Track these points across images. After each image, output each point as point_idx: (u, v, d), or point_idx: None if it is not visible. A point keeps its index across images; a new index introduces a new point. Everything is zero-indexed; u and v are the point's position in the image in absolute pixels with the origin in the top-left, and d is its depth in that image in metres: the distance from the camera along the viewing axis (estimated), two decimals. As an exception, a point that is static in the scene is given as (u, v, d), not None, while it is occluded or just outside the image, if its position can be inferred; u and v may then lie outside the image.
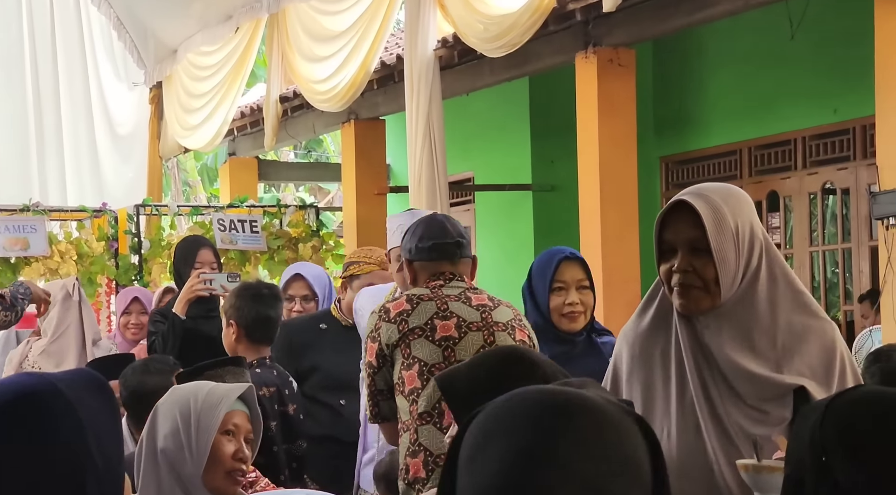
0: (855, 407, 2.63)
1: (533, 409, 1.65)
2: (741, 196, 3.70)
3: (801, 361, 3.48)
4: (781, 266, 3.65)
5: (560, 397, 1.70)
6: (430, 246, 5.57)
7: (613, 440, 1.61)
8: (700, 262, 3.50)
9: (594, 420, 1.63)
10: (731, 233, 3.52)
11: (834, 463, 2.49)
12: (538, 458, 1.58)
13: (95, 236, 12.31)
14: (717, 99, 12.18)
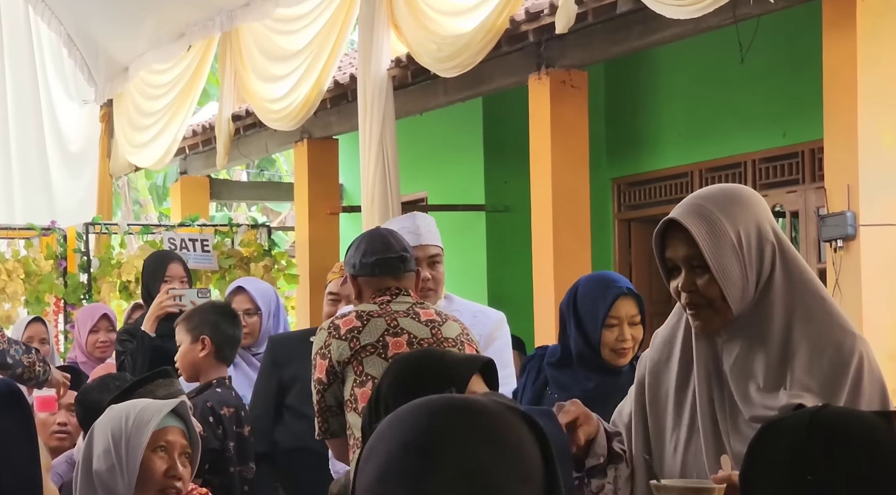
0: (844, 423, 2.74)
1: (419, 411, 1.73)
2: (745, 198, 3.63)
3: (811, 376, 3.43)
4: (800, 269, 3.55)
5: (444, 399, 1.80)
6: (373, 261, 5.65)
7: (494, 433, 1.67)
8: (702, 281, 3.49)
9: (474, 416, 1.70)
10: (732, 244, 3.48)
11: (825, 480, 2.55)
12: (421, 449, 1.65)
13: (44, 254, 12.38)
14: (668, 121, 12.13)
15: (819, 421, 2.67)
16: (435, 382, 3.57)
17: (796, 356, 3.42)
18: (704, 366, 3.59)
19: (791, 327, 3.44)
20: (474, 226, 13.43)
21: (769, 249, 3.46)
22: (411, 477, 1.65)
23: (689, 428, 3.65)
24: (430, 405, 1.79)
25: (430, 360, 4.02)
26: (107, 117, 14.92)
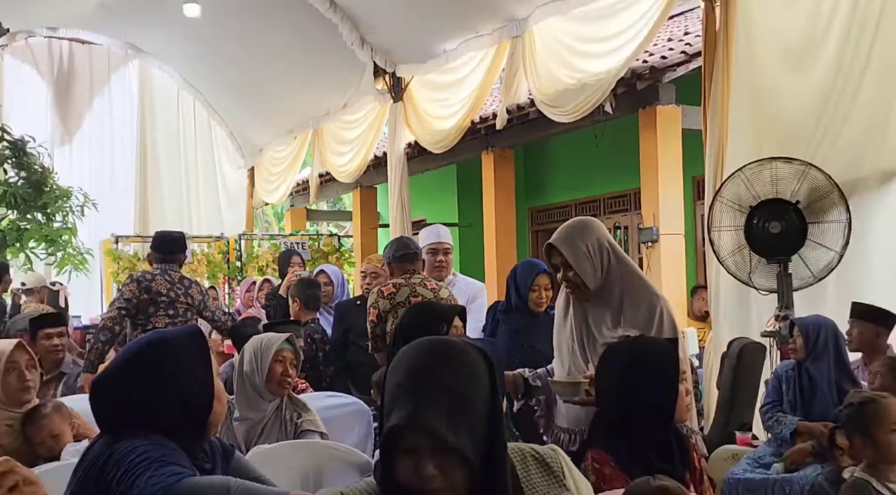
0: (636, 346, 2.97)
1: (419, 347, 1.82)
2: (590, 225, 3.68)
3: (635, 320, 3.48)
4: (626, 261, 3.66)
5: (433, 340, 1.87)
6: (400, 255, 5.69)
7: (459, 360, 1.78)
8: (571, 274, 3.56)
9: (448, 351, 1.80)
10: (584, 253, 3.52)
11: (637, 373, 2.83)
12: (419, 370, 1.76)
13: (216, 250, 12.00)
14: (557, 175, 11.94)
15: (637, 344, 2.99)
16: (434, 319, 4.04)
17: (626, 309, 3.51)
18: (578, 318, 3.67)
19: (623, 294, 3.53)
20: (451, 236, 12.37)
21: (606, 254, 3.54)
22: (414, 387, 1.73)
23: (570, 351, 3.70)
24: (426, 343, 1.84)
25: (432, 307, 4.47)
26: (250, 175, 14.48)
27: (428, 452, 1.69)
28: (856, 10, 5.62)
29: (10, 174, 9.88)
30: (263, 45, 11.34)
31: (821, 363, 4.88)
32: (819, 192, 5.33)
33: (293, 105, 12.43)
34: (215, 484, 1.88)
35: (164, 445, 1.97)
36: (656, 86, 8.20)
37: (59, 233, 10.15)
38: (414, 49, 10.05)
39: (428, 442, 1.69)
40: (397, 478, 1.73)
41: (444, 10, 9.19)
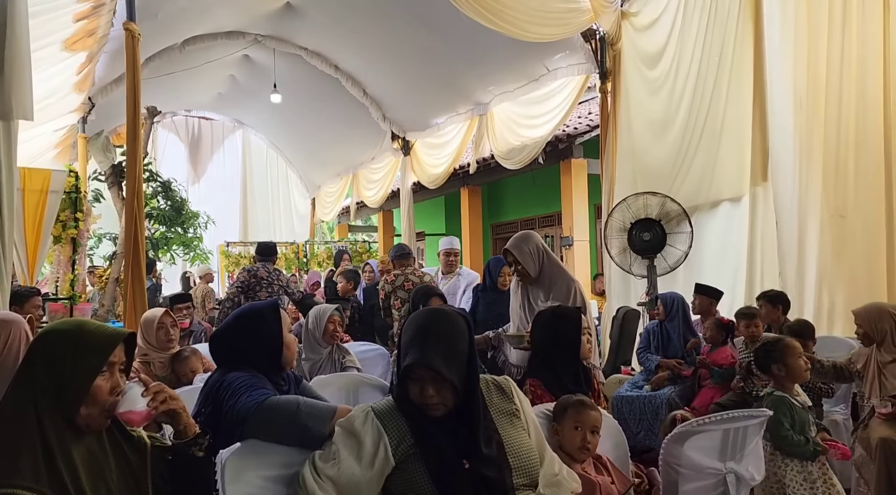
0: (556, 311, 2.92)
1: (424, 313, 1.81)
2: (530, 235, 3.57)
3: (559, 295, 3.39)
4: (553, 259, 3.55)
5: (433, 309, 1.89)
6: (398, 254, 5.65)
7: (454, 322, 1.76)
8: (520, 267, 3.48)
9: (444, 315, 1.80)
10: (529, 253, 3.41)
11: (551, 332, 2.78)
12: (425, 329, 1.74)
13: (290, 251, 11.90)
14: (509, 203, 11.51)
15: (556, 309, 2.94)
16: (430, 295, 4.04)
17: (553, 289, 3.44)
18: (523, 294, 3.58)
19: (551, 279, 3.45)
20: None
21: (541, 254, 3.47)
22: (420, 338, 1.72)
23: (518, 316, 3.62)
24: (427, 311, 1.84)
25: (429, 289, 4.36)
26: (312, 202, 13.99)
27: (429, 380, 1.70)
28: (694, 99, 5.66)
29: (161, 202, 9.98)
30: (320, 118, 11.32)
31: (674, 322, 4.88)
32: (673, 214, 5.32)
33: (339, 157, 12.33)
34: (290, 400, 1.86)
35: (256, 375, 1.95)
36: (571, 146, 8.18)
37: (191, 240, 10.13)
38: (417, 122, 10.00)
39: (429, 375, 1.69)
40: (409, 397, 1.74)
41: (436, 98, 9.16)
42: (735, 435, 2.18)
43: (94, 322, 1.52)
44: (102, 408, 1.45)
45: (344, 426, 1.76)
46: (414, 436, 1.71)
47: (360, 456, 1.69)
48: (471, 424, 1.73)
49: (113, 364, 1.46)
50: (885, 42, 4.37)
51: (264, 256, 6.45)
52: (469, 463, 1.68)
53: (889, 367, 3.31)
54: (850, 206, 4.51)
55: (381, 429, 1.73)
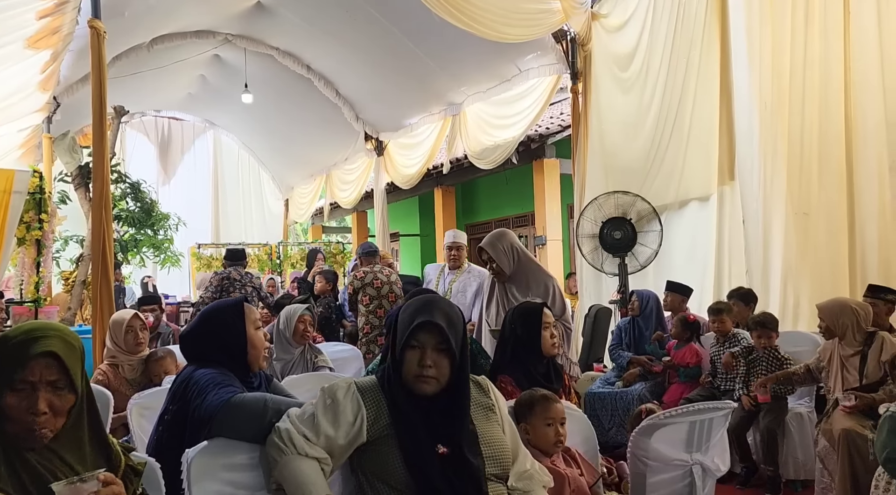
0: (519, 307, 2.91)
1: (422, 296, 1.87)
2: (504, 234, 3.56)
3: (537, 293, 3.40)
4: (529, 256, 3.56)
5: (427, 294, 1.97)
6: (365, 252, 5.63)
7: (451, 305, 1.83)
8: (495, 265, 3.51)
9: (442, 298, 1.89)
10: (503, 250, 3.42)
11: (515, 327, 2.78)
12: (428, 302, 1.80)
13: (263, 252, 11.76)
14: (482, 203, 11.31)
15: (521, 305, 2.91)
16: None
17: (531, 287, 3.46)
18: (500, 292, 3.61)
19: (528, 277, 3.48)
20: (414, 243, 12.43)
21: (516, 252, 3.50)
22: (426, 308, 1.76)
23: (496, 312, 3.66)
24: (425, 295, 1.89)
25: (426, 290, 4.28)
26: (286, 203, 13.80)
27: (430, 347, 1.70)
28: (663, 101, 5.74)
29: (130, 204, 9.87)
30: (293, 119, 11.23)
31: (647, 319, 4.93)
32: (644, 213, 5.41)
33: (313, 158, 12.24)
34: (257, 397, 1.84)
35: (224, 373, 1.93)
36: (543, 146, 8.17)
37: (161, 242, 10.08)
38: (390, 122, 9.95)
39: (433, 340, 1.70)
40: (400, 375, 1.72)
41: (410, 98, 9.12)
42: (701, 427, 2.22)
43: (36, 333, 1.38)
44: (23, 428, 1.34)
45: (326, 392, 1.75)
46: (391, 416, 1.70)
47: (338, 424, 1.69)
48: (455, 408, 1.73)
49: (33, 382, 1.35)
50: (846, 47, 4.48)
51: (234, 261, 6.48)
52: (446, 448, 1.67)
53: (850, 361, 3.39)
54: (814, 205, 4.61)
55: (361, 402, 1.73)
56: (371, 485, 1.68)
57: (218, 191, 14.07)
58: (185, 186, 13.56)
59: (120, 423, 2.95)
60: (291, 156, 12.74)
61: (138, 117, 12.55)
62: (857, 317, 3.38)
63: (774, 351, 3.91)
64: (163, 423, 1.94)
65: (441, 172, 9.38)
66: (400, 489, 1.65)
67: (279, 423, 1.72)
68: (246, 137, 13.45)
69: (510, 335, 2.78)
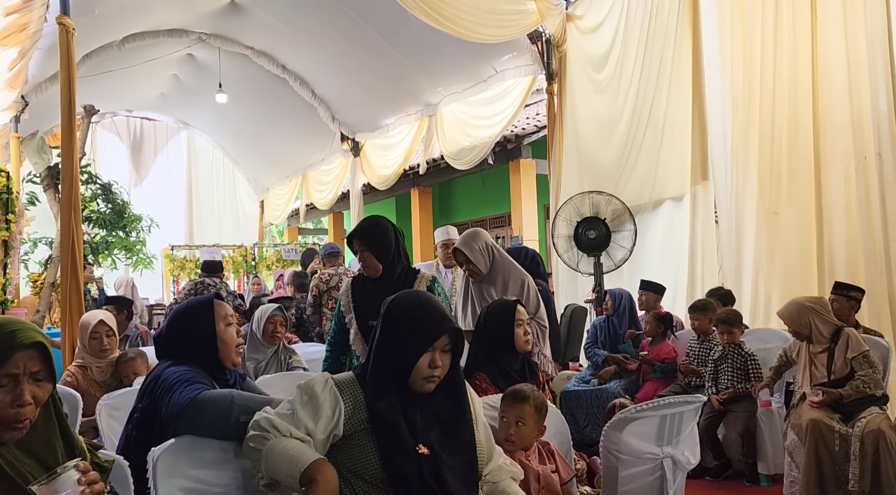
0: (493, 305, 2.94)
1: (419, 297, 1.83)
2: (479, 233, 3.51)
3: (513, 292, 3.35)
4: (504, 256, 3.49)
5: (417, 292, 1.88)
6: (328, 254, 5.71)
7: (431, 298, 1.82)
8: (471, 265, 3.40)
9: (436, 298, 1.84)
10: (479, 250, 3.37)
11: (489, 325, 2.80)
12: (427, 302, 1.79)
13: (238, 254, 11.37)
14: (459, 204, 11.32)
15: (495, 303, 2.94)
16: None
17: (508, 286, 3.39)
18: (475, 291, 3.56)
19: (505, 277, 3.40)
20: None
21: (490, 251, 3.41)
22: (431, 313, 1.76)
23: (472, 311, 3.58)
24: (419, 292, 1.91)
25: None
26: (261, 205, 13.73)
27: (440, 349, 1.72)
28: (636, 101, 5.83)
29: (102, 206, 9.74)
30: (268, 119, 11.17)
31: (621, 318, 4.99)
32: (618, 213, 5.48)
33: (288, 159, 12.19)
34: (223, 394, 1.82)
35: (195, 370, 1.90)
36: (519, 146, 8.24)
37: (134, 244, 10.03)
38: (367, 123, 9.93)
39: (444, 341, 1.72)
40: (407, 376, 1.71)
41: (386, 98, 9.11)
42: (671, 420, 2.23)
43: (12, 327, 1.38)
44: (2, 420, 1.35)
45: (303, 388, 1.73)
46: (369, 411, 1.69)
47: (317, 417, 1.68)
48: (456, 405, 1.76)
49: (16, 375, 1.35)
50: (814, 49, 4.60)
51: (210, 273, 6.38)
52: (428, 448, 1.67)
53: (819, 357, 3.46)
54: (783, 204, 4.72)
55: (339, 396, 1.72)
56: (346, 481, 1.67)
57: (192, 193, 13.89)
58: (158, 188, 13.42)
59: (89, 426, 2.92)
60: (267, 157, 12.68)
61: (109, 117, 12.38)
62: (817, 312, 3.43)
63: (739, 347, 3.98)
64: (132, 422, 1.93)
65: (418, 173, 9.37)
66: (374, 483, 1.66)
67: (256, 416, 1.70)
68: (220, 138, 13.35)
69: (484, 332, 2.79)
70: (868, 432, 3.12)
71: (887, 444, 3.09)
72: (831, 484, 3.17)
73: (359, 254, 2.84)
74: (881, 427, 3.13)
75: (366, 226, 2.90)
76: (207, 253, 9.89)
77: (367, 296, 2.81)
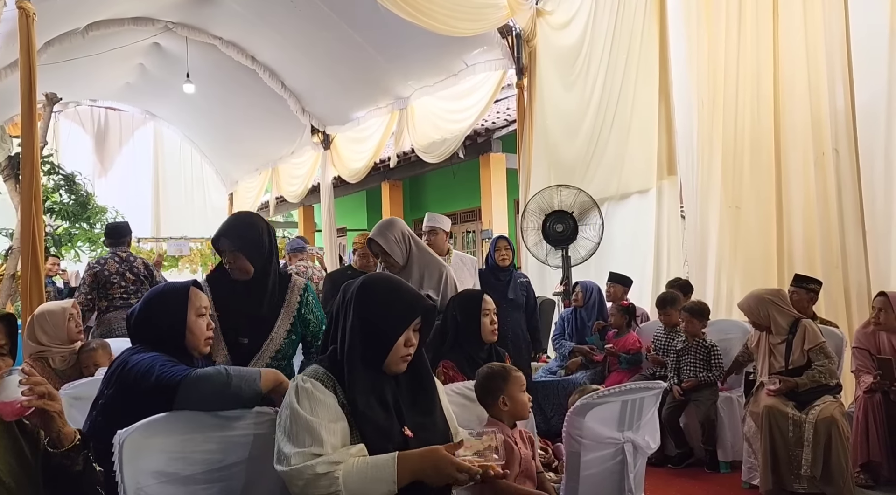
0: (461, 294, 2.96)
1: (388, 279, 1.82)
2: (394, 222, 3.33)
3: (431, 282, 3.28)
4: (422, 247, 3.36)
5: (384, 275, 1.93)
6: (294, 247, 5.76)
7: (401, 280, 1.82)
8: (388, 258, 3.26)
9: (390, 276, 1.87)
10: (393, 239, 3.22)
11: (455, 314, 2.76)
12: (407, 291, 1.77)
13: (206, 247, 11.20)
14: (430, 197, 11.23)
15: (462, 293, 2.98)
16: None
17: (426, 278, 3.29)
18: None
19: (422, 268, 3.27)
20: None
21: (408, 241, 3.27)
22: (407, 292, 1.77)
23: None
24: (385, 275, 1.95)
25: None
26: (230, 197, 13.59)
27: (413, 328, 1.72)
28: (603, 96, 5.90)
29: (64, 197, 9.54)
30: (237, 111, 11.03)
31: (590, 309, 5.08)
32: (586, 206, 5.54)
33: (258, 151, 12.07)
34: (217, 368, 1.82)
35: (168, 356, 1.88)
36: (490, 140, 8.23)
37: (98, 236, 9.79)
38: (337, 116, 9.87)
39: (418, 322, 1.73)
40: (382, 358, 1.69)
41: (357, 91, 9.07)
42: (633, 406, 2.26)
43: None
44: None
45: (298, 397, 1.64)
46: (350, 400, 1.65)
47: (332, 417, 1.62)
48: (422, 382, 1.76)
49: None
50: (775, 49, 4.70)
51: (114, 239, 5.20)
52: (412, 431, 1.66)
53: (777, 348, 3.59)
54: (745, 199, 4.83)
55: (325, 390, 1.66)
56: None
57: (158, 184, 13.67)
58: (123, 179, 13.16)
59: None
60: (236, 149, 12.53)
61: (73, 107, 12.19)
62: (775, 303, 3.54)
63: (702, 340, 4.07)
64: (97, 408, 1.90)
65: (388, 166, 9.36)
66: None
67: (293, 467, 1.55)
68: (188, 129, 13.17)
69: (451, 322, 2.80)
70: (821, 419, 3.24)
71: (839, 431, 3.20)
72: (786, 469, 3.28)
73: (227, 257, 2.45)
74: (834, 414, 3.25)
75: (236, 223, 2.54)
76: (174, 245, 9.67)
77: (231, 308, 2.41)
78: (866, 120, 4.18)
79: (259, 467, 1.75)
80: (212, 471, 1.73)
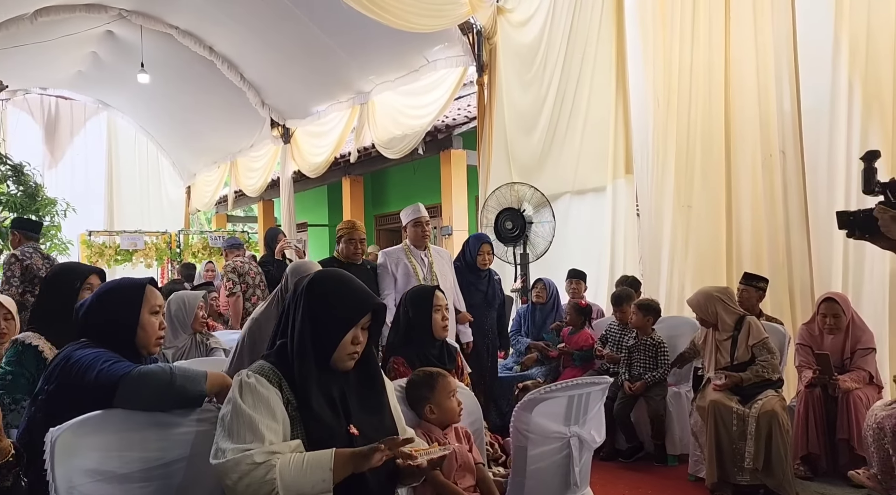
0: (412, 291, 2.92)
1: (338, 275, 1.80)
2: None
3: None
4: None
5: (336, 269, 1.84)
6: (231, 244, 5.88)
7: (351, 276, 1.79)
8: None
9: (341, 272, 1.81)
10: None
11: (407, 310, 2.83)
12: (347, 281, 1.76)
13: (162, 241, 10.97)
14: (391, 193, 10.94)
15: (414, 289, 2.95)
16: None
17: None
18: None
19: None
20: (322, 235, 12.01)
21: None
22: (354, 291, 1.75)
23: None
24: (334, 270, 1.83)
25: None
26: (187, 191, 13.50)
27: (362, 326, 1.72)
28: (559, 93, 5.96)
29: (12, 188, 9.22)
30: (194, 102, 10.86)
31: (547, 306, 5.14)
32: (541, 203, 5.59)
33: (216, 144, 11.87)
34: (160, 366, 1.79)
35: (112, 353, 1.84)
36: (450, 137, 8.23)
37: (48, 230, 9.44)
38: (297, 109, 9.79)
39: (367, 319, 1.73)
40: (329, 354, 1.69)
41: (317, 85, 8.99)
42: (579, 401, 2.26)
43: None
44: None
45: (242, 391, 1.62)
46: (297, 396, 1.63)
47: (274, 414, 1.60)
48: (372, 380, 1.76)
49: None
50: (727, 49, 4.80)
51: (36, 233, 4.94)
52: (358, 429, 1.65)
53: (723, 344, 3.68)
54: (696, 198, 4.93)
55: (270, 386, 1.64)
56: None
57: (112, 176, 13.33)
58: (75, 170, 12.83)
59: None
60: (193, 141, 12.30)
61: (22, 95, 11.86)
62: (722, 301, 3.62)
63: (650, 338, 4.16)
64: (36, 404, 1.85)
65: (349, 161, 9.32)
66: None
67: (227, 458, 1.53)
68: (143, 120, 12.89)
69: (403, 318, 2.80)
70: (763, 413, 3.33)
71: (780, 425, 3.30)
72: (730, 461, 3.37)
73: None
74: (775, 408, 3.34)
75: None
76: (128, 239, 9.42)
77: None
78: (811, 122, 4.26)
79: (200, 464, 1.71)
80: (150, 469, 1.70)
